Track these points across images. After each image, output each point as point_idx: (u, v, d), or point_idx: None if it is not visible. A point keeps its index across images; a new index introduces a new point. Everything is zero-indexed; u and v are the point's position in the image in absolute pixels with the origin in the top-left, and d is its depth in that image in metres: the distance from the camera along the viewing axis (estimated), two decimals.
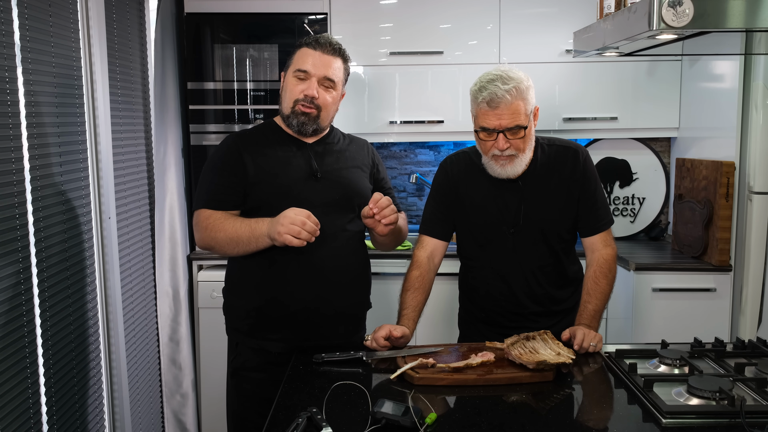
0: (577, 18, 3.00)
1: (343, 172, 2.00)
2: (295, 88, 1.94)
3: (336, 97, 1.99)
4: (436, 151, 3.61)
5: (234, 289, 2.01)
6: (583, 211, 2.00)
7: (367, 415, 1.42)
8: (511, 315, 2.04)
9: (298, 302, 1.92)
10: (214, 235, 1.88)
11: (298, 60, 1.95)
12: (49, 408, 2.01)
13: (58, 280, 2.08)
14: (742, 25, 1.45)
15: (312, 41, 1.96)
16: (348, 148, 2.07)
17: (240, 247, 1.87)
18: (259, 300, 1.94)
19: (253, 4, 3.14)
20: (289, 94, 1.95)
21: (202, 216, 1.92)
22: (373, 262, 2.05)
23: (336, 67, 1.96)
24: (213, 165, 1.98)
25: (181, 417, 3.07)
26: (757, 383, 1.53)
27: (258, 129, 2.04)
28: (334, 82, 1.96)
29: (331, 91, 1.96)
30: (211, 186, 1.95)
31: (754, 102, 2.73)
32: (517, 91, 1.83)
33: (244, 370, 1.98)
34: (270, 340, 1.94)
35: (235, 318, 2.00)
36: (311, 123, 1.95)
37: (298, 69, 1.94)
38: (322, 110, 1.95)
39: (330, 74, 1.95)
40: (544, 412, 1.46)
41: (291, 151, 1.97)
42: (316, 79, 1.93)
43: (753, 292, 2.78)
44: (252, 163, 1.92)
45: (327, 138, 2.04)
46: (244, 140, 1.98)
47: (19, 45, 1.87)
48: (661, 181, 3.49)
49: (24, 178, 1.89)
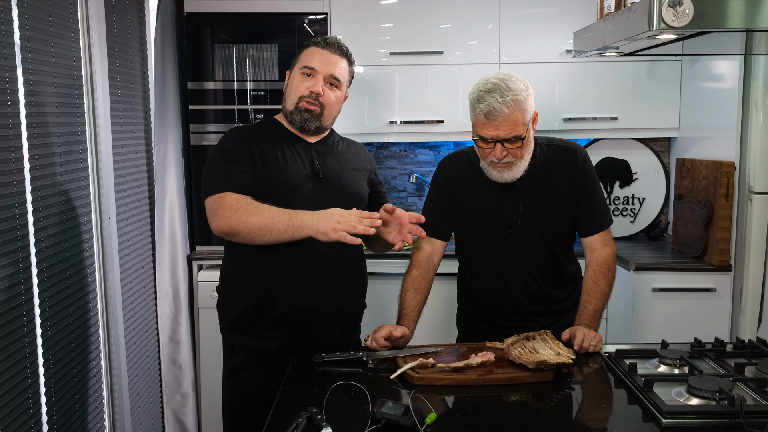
0: (577, 18, 2.99)
1: (344, 174, 2.00)
2: (301, 84, 1.94)
3: (340, 97, 1.99)
4: (436, 151, 3.61)
5: (230, 286, 2.00)
6: (582, 211, 2.00)
7: (367, 415, 1.41)
8: (509, 315, 2.04)
9: (297, 300, 1.91)
10: (247, 219, 1.78)
11: (306, 57, 1.96)
12: (49, 408, 2.01)
13: (58, 280, 2.08)
14: (742, 25, 1.45)
15: (320, 40, 1.97)
16: (348, 151, 2.07)
17: (272, 235, 1.78)
18: (256, 297, 1.93)
19: (253, 4, 3.14)
20: (294, 91, 1.95)
21: (229, 199, 1.82)
22: (373, 262, 2.06)
23: (342, 67, 1.97)
24: (223, 153, 1.91)
25: (181, 417, 3.07)
26: (757, 383, 1.53)
27: (260, 125, 2.03)
28: (339, 81, 1.96)
29: (335, 90, 1.97)
30: (227, 171, 1.87)
31: (754, 102, 2.73)
32: (515, 102, 1.82)
33: (240, 371, 1.97)
34: (267, 338, 1.93)
35: (231, 316, 1.99)
36: (314, 120, 1.95)
37: (305, 66, 1.94)
38: (326, 108, 1.95)
39: (336, 73, 1.95)
40: (544, 412, 1.46)
41: (294, 149, 1.96)
42: (322, 77, 1.94)
43: (753, 292, 2.78)
44: (260, 156, 1.91)
45: (328, 139, 2.04)
46: (251, 133, 1.96)
47: (19, 45, 1.87)
48: (661, 181, 3.49)
49: (24, 178, 1.89)
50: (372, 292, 2.12)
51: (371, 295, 2.12)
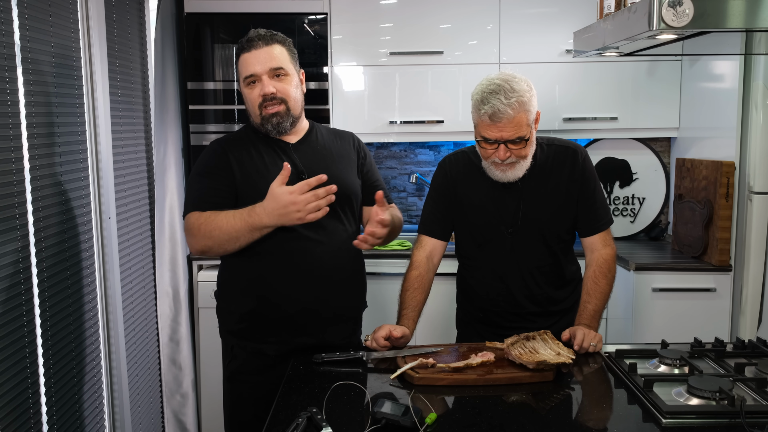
0: (577, 18, 2.99)
1: (330, 171, 1.93)
2: (252, 94, 1.91)
3: (293, 81, 1.94)
4: (436, 151, 3.61)
5: (227, 292, 1.99)
6: (582, 211, 2.00)
7: (367, 415, 1.42)
8: (508, 315, 2.04)
9: (295, 304, 1.90)
10: (210, 236, 1.80)
11: (242, 69, 1.92)
12: (49, 408, 2.01)
13: (58, 280, 2.08)
14: (742, 25, 1.45)
15: (244, 45, 1.92)
16: (332, 143, 2.03)
17: (241, 241, 1.80)
18: (253, 302, 1.91)
19: (253, 4, 3.14)
20: (251, 104, 1.92)
21: (192, 219, 1.84)
22: (372, 262, 2.05)
23: (277, 54, 1.91)
24: (200, 170, 1.93)
25: (181, 417, 3.07)
26: (757, 383, 1.53)
27: (240, 133, 2.01)
28: (282, 68, 1.91)
29: (285, 78, 1.91)
30: (201, 190, 1.89)
31: (754, 102, 2.73)
32: (519, 104, 1.81)
33: (241, 374, 1.96)
34: (267, 342, 1.93)
35: (229, 321, 1.98)
36: (285, 118, 1.92)
37: (245, 77, 1.91)
38: (288, 101, 1.91)
39: (274, 63, 1.89)
40: (544, 412, 1.46)
41: (274, 153, 1.93)
42: (266, 76, 1.89)
43: (753, 292, 2.78)
44: (238, 166, 1.89)
45: (309, 136, 2.01)
46: (228, 144, 1.95)
47: (19, 45, 1.87)
48: (661, 181, 3.49)
49: (24, 178, 1.89)
50: (372, 292, 2.12)
51: (371, 295, 2.12)
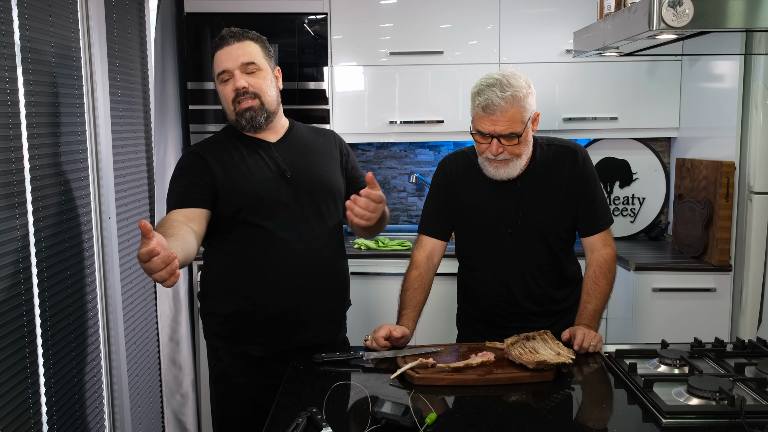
0: (577, 18, 3.00)
1: (312, 169, 1.95)
2: (225, 90, 1.90)
3: (267, 76, 1.92)
4: (436, 151, 3.61)
5: (210, 293, 1.97)
6: (583, 211, 2.00)
7: (367, 415, 1.42)
8: (509, 315, 2.04)
9: (278, 305, 1.88)
10: None
11: (215, 67, 1.91)
12: (49, 408, 2.01)
13: (58, 280, 2.08)
14: (742, 25, 1.45)
15: (217, 43, 1.91)
16: (314, 141, 2.02)
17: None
18: (237, 304, 1.90)
19: (253, 4, 3.14)
20: (225, 101, 1.92)
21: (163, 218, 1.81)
22: (373, 262, 2.05)
23: (249, 50, 1.90)
24: (178, 173, 1.91)
25: (181, 417, 3.07)
26: (757, 383, 1.53)
27: (219, 136, 1.99)
28: (254, 63, 1.90)
29: (257, 73, 1.90)
30: (177, 190, 1.86)
31: (754, 102, 2.73)
32: (514, 98, 1.82)
33: (227, 376, 1.95)
34: (252, 344, 1.91)
35: (213, 323, 1.97)
36: (259, 113, 1.90)
37: (218, 74, 1.90)
38: (261, 95, 1.90)
39: (246, 59, 1.89)
40: (544, 412, 1.46)
41: (256, 154, 1.92)
42: (238, 71, 1.88)
43: (753, 292, 2.78)
44: (219, 168, 1.87)
45: (289, 134, 2.00)
46: (205, 148, 1.93)
47: (19, 45, 1.87)
48: (661, 181, 3.49)
49: (24, 177, 1.89)
50: (370, 292, 2.12)
51: (371, 295, 2.12)
